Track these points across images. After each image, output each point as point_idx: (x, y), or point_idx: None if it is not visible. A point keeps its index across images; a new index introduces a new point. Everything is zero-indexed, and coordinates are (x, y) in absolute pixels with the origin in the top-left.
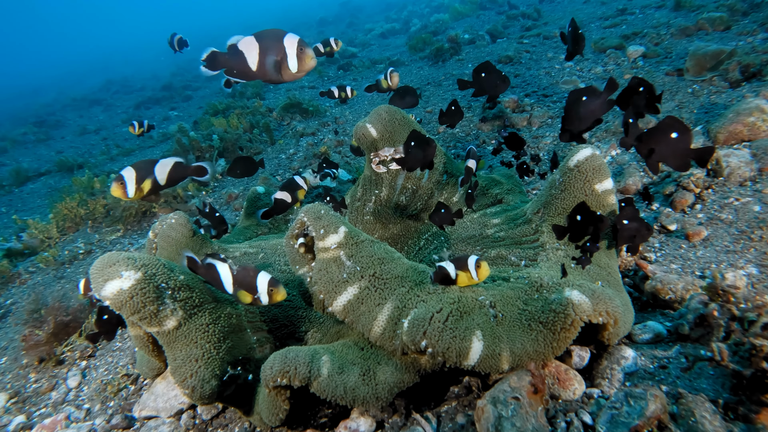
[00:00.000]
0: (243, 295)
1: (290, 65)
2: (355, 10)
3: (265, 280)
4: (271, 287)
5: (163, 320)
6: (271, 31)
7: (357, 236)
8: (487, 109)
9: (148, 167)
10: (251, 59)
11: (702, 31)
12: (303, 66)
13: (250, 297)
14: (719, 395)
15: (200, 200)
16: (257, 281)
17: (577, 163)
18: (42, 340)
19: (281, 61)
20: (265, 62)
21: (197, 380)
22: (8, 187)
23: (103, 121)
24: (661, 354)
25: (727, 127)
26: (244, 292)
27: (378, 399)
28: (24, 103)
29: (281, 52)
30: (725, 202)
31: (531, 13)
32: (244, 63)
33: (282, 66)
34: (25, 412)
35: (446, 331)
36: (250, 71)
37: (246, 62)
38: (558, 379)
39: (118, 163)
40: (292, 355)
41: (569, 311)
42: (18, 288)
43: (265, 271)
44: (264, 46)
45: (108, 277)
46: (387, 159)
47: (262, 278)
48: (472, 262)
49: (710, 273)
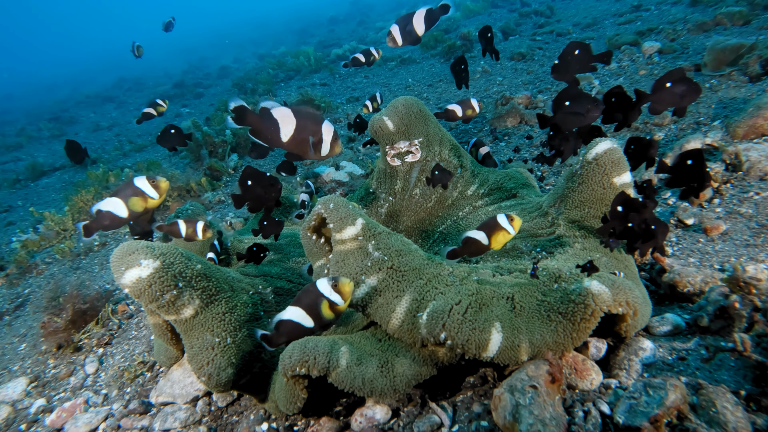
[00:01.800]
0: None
1: (323, 150)
2: (366, 8)
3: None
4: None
5: (180, 308)
6: (308, 112)
7: (374, 228)
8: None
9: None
10: (285, 132)
11: (720, 26)
12: (332, 152)
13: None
14: (741, 386)
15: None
16: (322, 128)
17: (596, 156)
18: (60, 327)
19: (317, 143)
20: (299, 139)
21: (213, 368)
22: (24, 182)
23: (115, 118)
24: (680, 346)
25: (747, 122)
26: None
27: (395, 391)
28: (39, 100)
29: (318, 135)
30: (745, 196)
31: (544, 11)
32: (277, 133)
33: (315, 147)
34: (45, 396)
35: (466, 323)
36: (279, 141)
37: (279, 133)
38: (575, 370)
39: (130, 158)
40: (312, 345)
41: (589, 301)
42: (35, 278)
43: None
44: (302, 125)
45: (128, 265)
46: (402, 152)
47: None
48: (504, 219)
49: (730, 266)
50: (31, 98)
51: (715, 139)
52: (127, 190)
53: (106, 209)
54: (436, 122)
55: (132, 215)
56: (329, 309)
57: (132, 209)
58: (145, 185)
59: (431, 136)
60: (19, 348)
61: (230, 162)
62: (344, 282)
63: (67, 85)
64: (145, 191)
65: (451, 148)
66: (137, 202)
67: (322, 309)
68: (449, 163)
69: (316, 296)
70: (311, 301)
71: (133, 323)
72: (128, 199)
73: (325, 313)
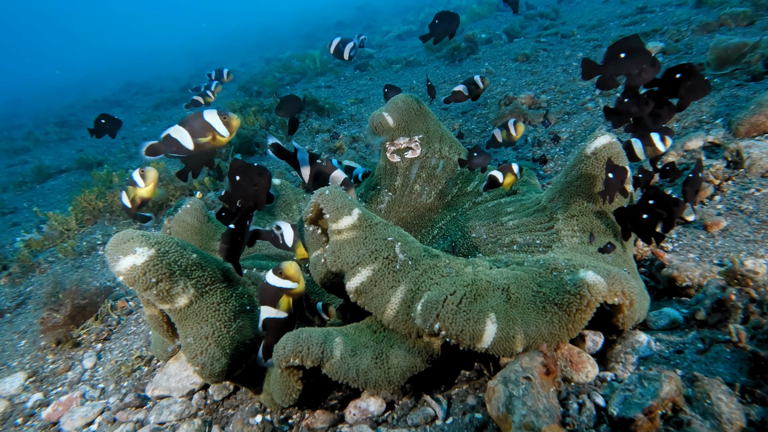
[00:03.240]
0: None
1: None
2: (373, 12)
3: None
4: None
5: (174, 297)
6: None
7: (371, 219)
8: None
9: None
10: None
11: (724, 26)
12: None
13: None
14: (736, 378)
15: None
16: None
17: (595, 150)
18: (59, 322)
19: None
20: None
21: (207, 358)
22: (30, 184)
23: (122, 121)
24: (677, 339)
25: (749, 119)
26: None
27: (390, 383)
28: (47, 104)
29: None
30: (746, 193)
31: (549, 13)
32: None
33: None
34: (42, 391)
35: (460, 313)
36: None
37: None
38: (571, 362)
39: (136, 160)
40: (305, 336)
41: (584, 291)
42: (38, 277)
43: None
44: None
45: (123, 252)
46: (402, 148)
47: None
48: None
49: (728, 259)
50: (39, 102)
51: (717, 136)
52: (195, 123)
53: (174, 136)
54: (436, 119)
55: (197, 148)
56: (287, 296)
57: (198, 143)
58: (215, 120)
59: (431, 132)
60: (18, 344)
61: None
62: (288, 265)
63: (76, 90)
64: (215, 127)
65: (452, 145)
66: (206, 137)
67: (281, 301)
68: (449, 159)
69: (275, 290)
70: (271, 297)
71: (132, 319)
72: (196, 133)
73: (284, 302)
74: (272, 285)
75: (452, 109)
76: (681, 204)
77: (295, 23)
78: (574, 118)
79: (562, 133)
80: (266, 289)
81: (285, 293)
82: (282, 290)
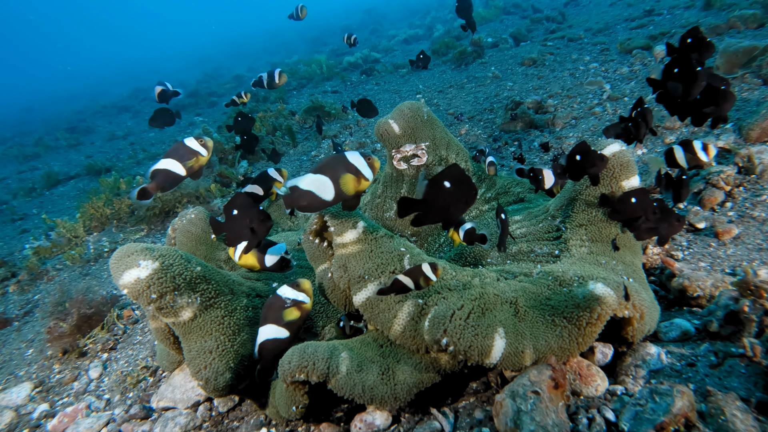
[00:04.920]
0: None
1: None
2: (379, 17)
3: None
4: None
5: (178, 311)
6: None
7: (376, 232)
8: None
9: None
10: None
11: (733, 29)
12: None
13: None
14: (751, 394)
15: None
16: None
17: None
18: (66, 332)
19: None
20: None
21: (211, 372)
22: (40, 190)
23: (131, 127)
24: (689, 352)
25: (761, 124)
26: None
27: (396, 399)
28: (57, 110)
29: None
30: (758, 200)
31: (555, 17)
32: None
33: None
34: (48, 401)
35: (468, 328)
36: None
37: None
38: (580, 375)
39: (144, 166)
40: (311, 351)
41: (594, 305)
42: (46, 284)
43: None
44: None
45: (127, 266)
46: (408, 155)
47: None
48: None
49: (741, 269)
50: (50, 108)
51: (728, 141)
52: (180, 151)
53: (163, 168)
54: (443, 126)
55: (189, 171)
56: (297, 310)
57: (188, 167)
58: (194, 144)
59: (438, 140)
60: (26, 353)
61: (240, 169)
62: (304, 280)
63: (85, 95)
64: (195, 149)
65: (458, 152)
66: (192, 161)
67: (285, 314)
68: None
69: (281, 305)
70: (277, 313)
71: (138, 328)
72: (184, 159)
73: (290, 313)
74: (283, 297)
75: (458, 115)
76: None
77: (302, 28)
78: (581, 122)
79: (569, 138)
80: (274, 304)
81: (296, 305)
82: (295, 302)
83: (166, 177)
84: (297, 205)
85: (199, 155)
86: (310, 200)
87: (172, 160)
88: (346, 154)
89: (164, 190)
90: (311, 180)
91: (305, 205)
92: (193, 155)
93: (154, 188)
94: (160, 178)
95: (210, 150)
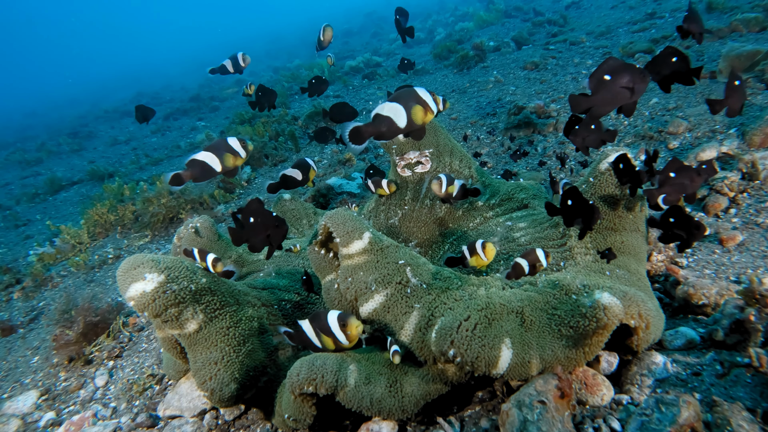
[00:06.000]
0: (327, 341)
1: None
2: (380, 20)
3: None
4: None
5: (184, 323)
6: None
7: (381, 242)
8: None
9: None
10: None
11: (736, 32)
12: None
13: (331, 342)
14: (758, 404)
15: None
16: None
17: (609, 166)
18: (72, 339)
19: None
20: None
21: (217, 383)
22: (43, 196)
23: (133, 132)
24: (695, 361)
25: (764, 129)
26: (327, 338)
27: (404, 411)
28: (60, 115)
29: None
30: (762, 206)
31: (557, 20)
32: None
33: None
34: (54, 409)
35: (474, 339)
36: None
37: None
38: (585, 384)
39: (146, 172)
40: (320, 363)
41: (600, 314)
42: (50, 291)
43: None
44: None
45: (133, 278)
46: (412, 162)
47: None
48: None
49: (746, 278)
50: (52, 113)
51: (731, 147)
52: (221, 148)
53: (201, 159)
54: (446, 133)
55: (223, 169)
56: (332, 343)
57: (225, 164)
58: (236, 144)
59: (441, 146)
60: (31, 361)
61: (243, 174)
62: (352, 323)
63: (87, 100)
64: (236, 149)
65: (462, 159)
66: (229, 158)
67: (324, 340)
68: (460, 173)
69: (324, 326)
70: (320, 327)
71: (144, 336)
72: (222, 155)
73: (327, 344)
74: (329, 326)
75: (461, 119)
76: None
77: (303, 32)
78: None
79: (572, 143)
80: (321, 321)
81: (334, 341)
82: (334, 338)
83: (202, 168)
84: (379, 130)
85: (238, 155)
86: (389, 125)
87: (212, 155)
88: (415, 88)
89: (197, 180)
90: (390, 107)
91: (385, 131)
92: (232, 154)
93: (188, 176)
94: (197, 169)
95: (248, 153)
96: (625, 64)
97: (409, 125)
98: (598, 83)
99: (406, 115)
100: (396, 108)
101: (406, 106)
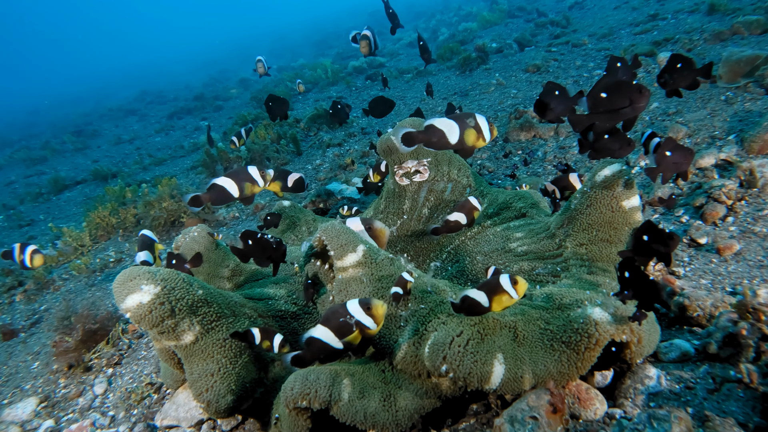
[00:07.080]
0: (351, 337)
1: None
2: (384, 19)
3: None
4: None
5: (180, 335)
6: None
7: (376, 255)
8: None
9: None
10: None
11: (737, 35)
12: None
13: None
14: (749, 419)
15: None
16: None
17: (605, 178)
18: (71, 346)
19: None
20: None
21: (213, 395)
22: (47, 195)
23: (137, 131)
24: (688, 374)
25: (763, 136)
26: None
27: (398, 425)
28: (64, 112)
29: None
30: (760, 215)
31: (560, 21)
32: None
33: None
34: (53, 417)
35: (467, 355)
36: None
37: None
38: (579, 398)
39: (150, 172)
40: (313, 377)
41: (592, 330)
42: (52, 294)
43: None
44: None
45: (129, 290)
46: (411, 171)
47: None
48: (507, 281)
49: (741, 289)
50: (56, 111)
51: (730, 154)
52: (241, 175)
53: (221, 185)
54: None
55: (241, 196)
56: (359, 332)
57: (243, 191)
58: (255, 173)
59: (440, 155)
60: (32, 366)
61: None
62: (377, 304)
63: (91, 98)
64: (255, 178)
65: (460, 168)
66: (248, 186)
67: (352, 336)
68: (458, 183)
69: (344, 318)
70: (339, 323)
71: (143, 343)
72: (242, 183)
73: (353, 336)
74: (350, 312)
75: None
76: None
77: (307, 31)
78: None
79: (573, 148)
80: (337, 312)
81: (361, 330)
82: (359, 324)
83: (220, 193)
84: (429, 140)
85: (256, 184)
86: (440, 138)
87: (231, 181)
88: (475, 114)
89: (215, 204)
90: (445, 122)
91: (435, 142)
92: (250, 182)
93: (207, 199)
94: (215, 193)
95: (267, 182)
96: (624, 82)
97: (459, 144)
98: (596, 102)
99: (459, 134)
100: (451, 125)
101: (461, 126)
